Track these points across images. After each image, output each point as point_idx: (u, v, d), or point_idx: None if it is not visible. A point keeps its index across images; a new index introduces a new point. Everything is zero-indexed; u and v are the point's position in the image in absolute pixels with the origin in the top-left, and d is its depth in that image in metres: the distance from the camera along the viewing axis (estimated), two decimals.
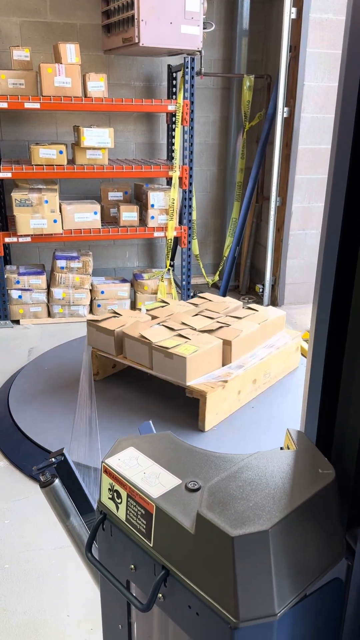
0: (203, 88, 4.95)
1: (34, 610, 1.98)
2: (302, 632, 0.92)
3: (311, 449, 1.00)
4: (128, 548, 1.00)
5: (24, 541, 2.29)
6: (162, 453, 1.03)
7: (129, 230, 4.51)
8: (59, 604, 2.01)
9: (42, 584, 2.09)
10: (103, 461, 1.01)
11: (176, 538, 0.88)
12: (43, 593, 2.05)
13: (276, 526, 0.82)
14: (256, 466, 0.94)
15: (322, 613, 0.95)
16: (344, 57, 0.85)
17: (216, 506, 0.85)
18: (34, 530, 2.35)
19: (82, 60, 4.16)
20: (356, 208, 0.88)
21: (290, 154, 4.62)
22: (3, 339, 4.25)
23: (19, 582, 2.10)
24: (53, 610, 1.98)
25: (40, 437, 2.85)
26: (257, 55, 5.00)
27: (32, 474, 2.67)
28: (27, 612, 1.97)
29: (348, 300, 0.91)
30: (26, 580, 2.11)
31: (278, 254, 4.94)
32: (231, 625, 0.82)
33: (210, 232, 5.48)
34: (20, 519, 2.41)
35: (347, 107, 0.85)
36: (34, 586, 2.08)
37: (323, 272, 0.94)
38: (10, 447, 2.88)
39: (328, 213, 0.92)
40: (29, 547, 2.26)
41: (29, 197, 4.15)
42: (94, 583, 1.24)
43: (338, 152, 0.87)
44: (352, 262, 0.90)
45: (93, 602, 2.00)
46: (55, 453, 1.19)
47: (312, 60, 4.39)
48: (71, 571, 2.15)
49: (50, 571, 2.15)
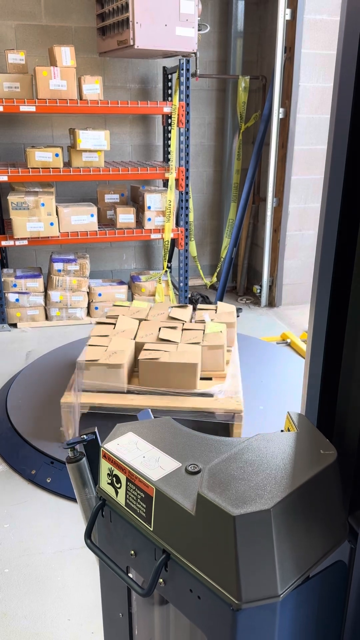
0: (198, 90, 4.96)
1: (35, 614, 1.97)
2: (305, 614, 0.91)
3: (312, 430, 0.99)
4: (128, 533, 0.99)
5: (23, 545, 2.28)
6: (161, 437, 1.02)
7: (126, 232, 4.51)
8: (60, 607, 2.00)
9: (42, 588, 2.08)
10: (102, 446, 1.00)
11: (176, 520, 0.87)
12: (43, 597, 2.04)
13: (278, 505, 0.81)
14: (257, 448, 0.93)
15: (325, 596, 0.95)
16: (338, 57, 0.85)
17: (217, 487, 0.84)
18: (33, 534, 2.34)
19: (78, 62, 4.16)
20: (352, 208, 0.88)
21: (286, 155, 4.63)
22: (0, 342, 4.24)
23: (19, 586, 2.09)
24: (53, 614, 1.98)
25: (38, 440, 2.84)
26: (252, 57, 5.00)
27: (31, 478, 2.66)
28: (27, 617, 1.96)
29: (348, 282, 0.90)
30: (26, 584, 2.10)
31: (275, 255, 4.94)
32: (233, 607, 0.81)
33: (207, 234, 5.48)
34: (19, 523, 2.40)
35: (343, 107, 0.85)
36: (34, 590, 2.07)
37: (321, 269, 0.94)
38: (8, 451, 2.87)
39: (325, 213, 0.92)
40: (28, 551, 2.26)
41: (26, 200, 4.15)
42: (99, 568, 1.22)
43: (334, 152, 0.87)
44: (349, 259, 0.90)
45: (94, 606, 1.99)
46: (87, 431, 1.18)
47: (307, 61, 4.40)
48: (71, 575, 2.14)
49: (50, 575, 2.14)
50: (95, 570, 1.20)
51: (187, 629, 1.10)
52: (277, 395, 3.30)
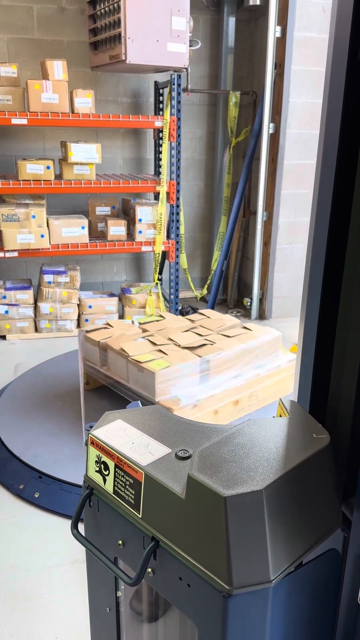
0: (190, 104, 5.00)
1: (22, 632, 1.93)
2: (298, 602, 0.90)
3: (305, 415, 0.98)
4: (116, 523, 0.97)
5: (10, 562, 2.24)
6: (151, 424, 1.00)
7: (117, 244, 4.51)
8: (47, 625, 1.96)
9: (29, 605, 2.04)
10: (90, 433, 0.98)
11: (166, 505, 0.85)
12: (31, 615, 2.00)
13: (270, 487, 0.79)
14: (248, 432, 0.92)
15: (318, 584, 0.93)
16: (327, 74, 0.86)
17: (207, 469, 0.82)
18: (21, 550, 2.30)
19: (70, 76, 4.19)
20: (341, 222, 0.89)
21: (276, 169, 4.67)
22: None
23: (5, 604, 2.05)
24: (41, 632, 1.94)
25: (27, 455, 2.81)
26: (243, 72, 5.06)
27: (18, 493, 2.62)
28: (14, 635, 1.92)
29: (340, 267, 0.90)
30: (13, 601, 2.06)
31: (265, 268, 4.97)
32: (224, 592, 0.78)
33: (198, 246, 5.50)
34: (6, 540, 2.36)
35: (331, 123, 0.86)
36: (22, 608, 2.03)
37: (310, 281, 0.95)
38: None
39: (314, 227, 0.93)
40: (15, 567, 2.22)
41: (16, 212, 4.14)
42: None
43: (323, 167, 0.88)
44: (338, 267, 0.90)
45: (82, 623, 1.96)
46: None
47: (297, 77, 4.46)
48: (59, 592, 2.10)
49: (38, 592, 2.10)
50: (84, 587, 1.17)
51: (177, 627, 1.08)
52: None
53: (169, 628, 1.13)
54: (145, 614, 1.20)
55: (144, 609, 1.19)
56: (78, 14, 4.54)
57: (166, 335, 3.23)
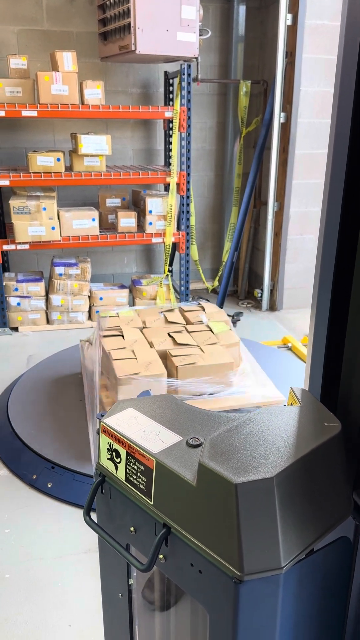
0: (200, 94, 4.97)
1: (36, 620, 1.96)
2: (308, 589, 0.90)
3: (316, 404, 0.98)
4: (128, 509, 0.97)
5: (24, 550, 2.27)
6: (162, 413, 1.01)
7: (127, 236, 4.52)
8: (61, 613, 1.99)
9: (43, 593, 2.07)
10: (101, 421, 0.99)
11: (177, 492, 0.86)
12: (44, 603, 2.03)
13: (281, 474, 0.79)
14: (259, 420, 0.92)
15: (329, 572, 0.93)
16: (339, 62, 0.85)
17: (218, 456, 0.82)
18: (34, 539, 2.34)
19: (79, 67, 4.18)
20: (353, 211, 0.88)
21: (287, 159, 4.63)
22: (2, 346, 4.24)
23: (19, 592, 2.08)
24: (54, 620, 1.97)
25: (40, 445, 2.84)
26: (253, 61, 5.02)
27: (31, 483, 2.65)
28: (28, 622, 1.95)
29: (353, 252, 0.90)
30: (27, 590, 2.09)
31: (276, 259, 4.94)
32: (235, 579, 0.79)
33: (208, 238, 5.48)
34: (20, 528, 2.39)
35: (343, 111, 0.85)
36: (35, 596, 2.06)
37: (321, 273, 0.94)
38: (10, 455, 2.86)
39: (325, 216, 0.92)
40: (29, 556, 2.25)
41: (27, 204, 4.15)
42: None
43: (334, 156, 0.87)
44: (350, 256, 0.90)
45: (95, 612, 1.98)
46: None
47: (308, 65, 4.41)
48: (72, 581, 2.13)
49: (51, 581, 2.13)
50: (96, 577, 1.19)
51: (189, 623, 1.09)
52: None
53: (181, 616, 1.14)
54: (157, 603, 1.21)
55: (155, 598, 1.20)
56: (87, 4, 4.52)
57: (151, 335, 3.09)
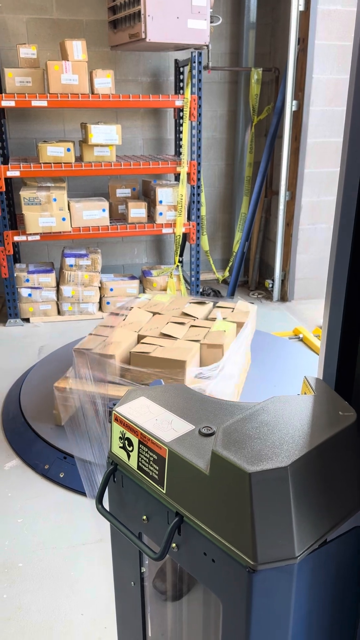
0: (210, 82, 4.92)
1: (48, 608, 1.98)
2: (322, 580, 0.89)
3: (330, 393, 0.97)
4: (140, 498, 0.97)
5: (37, 540, 2.29)
6: (174, 402, 1.00)
7: (137, 227, 4.50)
8: (73, 602, 2.01)
9: (56, 582, 2.09)
10: (113, 410, 0.99)
11: (190, 481, 0.86)
12: (57, 591, 2.05)
13: (295, 463, 0.79)
14: (273, 409, 0.92)
15: (342, 562, 0.93)
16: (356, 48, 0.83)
17: (231, 445, 0.82)
18: (47, 529, 2.35)
19: (89, 56, 4.15)
20: None
21: (299, 148, 4.58)
22: (13, 337, 4.26)
23: (33, 580, 2.10)
24: (67, 608, 1.98)
25: (52, 435, 2.85)
26: (265, 48, 4.95)
27: (44, 473, 2.67)
28: (41, 611, 1.97)
29: None
30: (40, 579, 2.11)
31: (288, 249, 4.90)
32: (249, 568, 0.79)
33: (219, 228, 5.45)
34: (33, 518, 2.41)
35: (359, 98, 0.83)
36: (48, 585, 2.08)
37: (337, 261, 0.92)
38: (22, 446, 2.88)
39: (341, 205, 0.90)
40: (42, 545, 2.27)
41: (38, 195, 4.15)
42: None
43: (350, 144, 0.85)
44: None
45: (107, 601, 2.00)
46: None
47: (321, 52, 4.34)
48: (85, 570, 2.15)
49: (64, 570, 2.15)
50: (109, 566, 1.19)
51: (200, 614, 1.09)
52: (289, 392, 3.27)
53: (193, 606, 1.15)
54: (169, 593, 1.21)
55: (167, 588, 1.21)
56: None
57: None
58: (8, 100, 3.95)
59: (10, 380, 3.53)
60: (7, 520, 2.39)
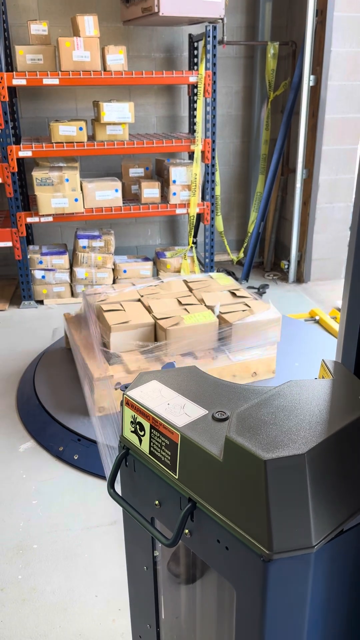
0: (225, 57, 4.79)
1: (63, 590, 1.99)
2: (339, 569, 0.87)
3: (349, 377, 0.94)
4: (152, 483, 0.96)
5: (51, 522, 2.30)
6: (187, 385, 0.98)
7: (151, 207, 4.44)
8: (87, 584, 2.01)
9: (70, 564, 2.10)
10: (125, 393, 0.97)
11: (203, 467, 0.84)
12: (71, 573, 2.06)
13: (313, 451, 0.76)
14: (289, 394, 0.89)
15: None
16: None
17: (246, 431, 0.79)
18: (61, 510, 2.36)
19: (101, 32, 4.05)
20: None
21: (316, 124, 4.46)
22: (28, 319, 4.26)
23: (47, 562, 2.11)
24: (81, 590, 1.99)
25: (66, 417, 2.85)
26: (282, 21, 4.80)
27: (58, 455, 2.67)
28: (55, 592, 1.98)
29: None
30: (54, 560, 2.11)
31: (304, 229, 4.81)
32: (264, 557, 0.77)
33: (234, 208, 5.36)
34: (47, 500, 2.42)
35: None
36: (62, 566, 2.09)
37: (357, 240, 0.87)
38: (36, 428, 2.88)
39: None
40: (56, 527, 2.27)
41: (50, 175, 4.10)
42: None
43: None
44: None
45: (121, 583, 1.99)
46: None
47: (340, 24, 4.19)
48: (99, 552, 2.15)
49: (78, 551, 2.15)
50: (122, 548, 1.18)
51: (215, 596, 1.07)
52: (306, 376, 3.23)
53: (206, 590, 1.14)
54: (183, 576, 1.20)
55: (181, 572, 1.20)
56: None
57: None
58: (19, 78, 3.89)
59: (24, 363, 3.53)
60: (21, 502, 2.40)
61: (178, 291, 3.29)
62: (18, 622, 1.87)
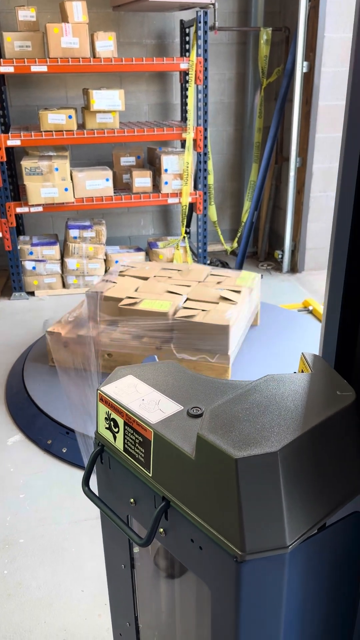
0: (217, 44, 4.72)
1: (49, 584, 1.97)
2: (317, 568, 0.86)
3: (328, 371, 0.91)
4: (127, 480, 0.95)
5: (39, 516, 2.28)
6: (163, 381, 0.96)
7: (142, 197, 4.38)
8: (74, 578, 1.99)
9: (57, 558, 2.08)
10: (99, 389, 0.96)
11: (176, 465, 0.82)
12: (58, 567, 2.04)
13: (286, 448, 0.74)
14: (265, 389, 0.86)
15: (339, 549, 0.89)
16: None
17: (219, 428, 0.77)
18: (49, 504, 2.33)
19: (90, 18, 3.98)
20: None
21: (310, 112, 4.40)
22: (18, 310, 4.22)
23: (34, 556, 2.09)
24: (68, 584, 1.97)
25: (55, 411, 2.82)
26: (274, 7, 4.72)
27: (47, 448, 2.65)
28: (41, 587, 1.96)
29: None
30: (41, 554, 2.09)
31: (298, 218, 4.77)
32: (237, 558, 0.75)
33: (227, 197, 5.31)
34: (35, 494, 2.39)
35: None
36: (49, 561, 2.07)
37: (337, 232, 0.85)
38: (25, 421, 2.86)
39: (342, 172, 0.83)
40: (44, 521, 2.25)
41: (39, 165, 4.04)
42: None
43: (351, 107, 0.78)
44: None
45: None
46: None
47: (333, 10, 4.12)
48: (86, 546, 2.13)
49: (65, 545, 2.13)
50: None
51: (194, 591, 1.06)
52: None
53: (186, 586, 1.13)
54: (169, 570, 1.19)
55: (167, 565, 1.18)
56: None
57: None
58: (7, 65, 3.82)
59: (14, 355, 3.49)
60: (9, 496, 2.38)
61: (182, 279, 3.37)
62: (3, 618, 1.85)
